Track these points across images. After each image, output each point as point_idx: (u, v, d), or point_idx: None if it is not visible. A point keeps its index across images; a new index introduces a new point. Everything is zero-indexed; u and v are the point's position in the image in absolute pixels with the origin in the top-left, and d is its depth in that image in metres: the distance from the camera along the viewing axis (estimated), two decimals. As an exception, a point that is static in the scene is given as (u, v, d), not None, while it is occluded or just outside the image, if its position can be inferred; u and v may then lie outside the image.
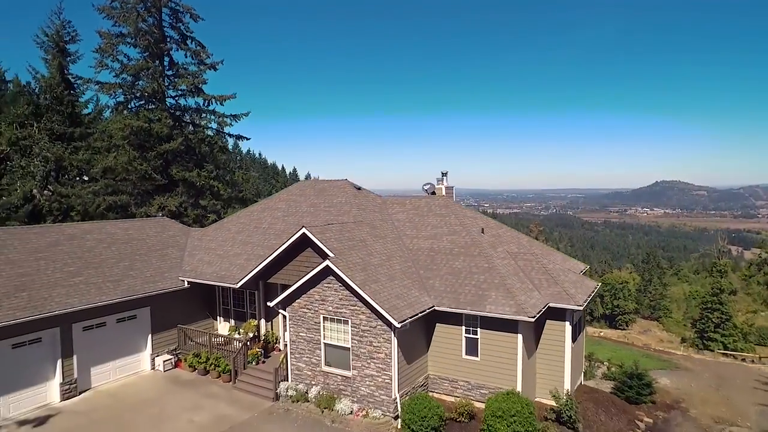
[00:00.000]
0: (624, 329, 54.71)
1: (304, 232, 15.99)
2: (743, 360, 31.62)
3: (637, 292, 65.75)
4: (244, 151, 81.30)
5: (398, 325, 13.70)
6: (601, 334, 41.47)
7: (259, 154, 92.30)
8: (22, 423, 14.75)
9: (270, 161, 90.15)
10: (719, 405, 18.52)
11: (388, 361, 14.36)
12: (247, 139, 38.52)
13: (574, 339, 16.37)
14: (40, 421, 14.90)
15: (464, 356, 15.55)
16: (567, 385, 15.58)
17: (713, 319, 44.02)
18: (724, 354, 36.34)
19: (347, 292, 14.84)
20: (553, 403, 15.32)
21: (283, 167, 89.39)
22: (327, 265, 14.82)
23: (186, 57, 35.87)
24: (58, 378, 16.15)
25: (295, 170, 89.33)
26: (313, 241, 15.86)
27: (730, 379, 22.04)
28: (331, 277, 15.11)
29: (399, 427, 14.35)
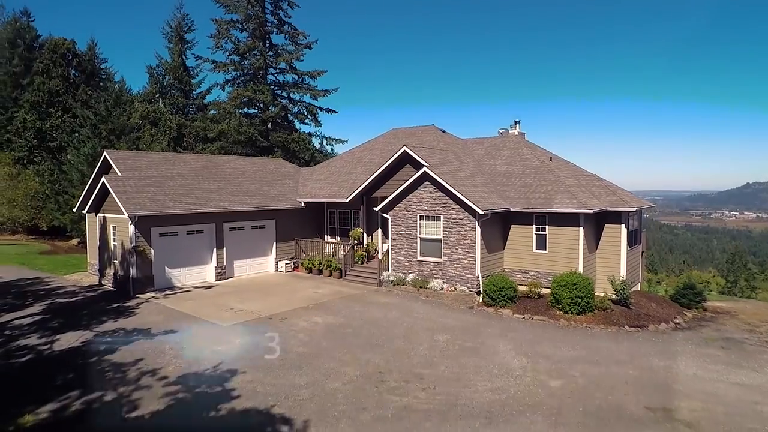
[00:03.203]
0: None
1: (405, 149, 19.96)
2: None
3: (720, 294, 62.40)
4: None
5: (482, 212, 17.32)
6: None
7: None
8: (194, 288, 19.77)
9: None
10: (768, 316, 20.56)
11: (473, 245, 18.01)
12: (335, 112, 43.36)
13: (630, 245, 19.24)
14: (205, 288, 19.87)
15: (534, 250, 18.90)
16: (623, 273, 18.51)
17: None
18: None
19: (440, 193, 18.64)
20: (611, 296, 18.26)
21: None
22: (424, 171, 18.71)
23: (284, 39, 41.22)
24: (213, 263, 21.10)
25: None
26: (411, 156, 19.79)
27: (787, 309, 23.74)
28: (427, 182, 18.96)
29: (481, 300, 17.94)
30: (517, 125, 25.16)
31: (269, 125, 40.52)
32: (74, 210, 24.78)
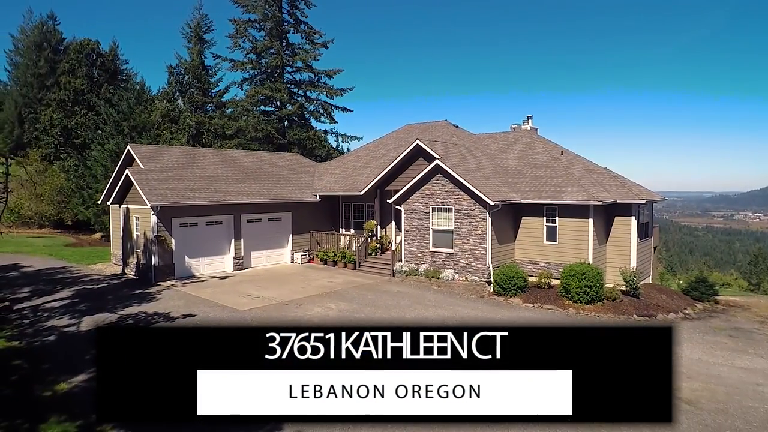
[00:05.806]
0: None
1: (417, 143, 20.40)
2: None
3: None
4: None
5: (492, 204, 17.67)
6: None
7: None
8: (212, 277, 20.44)
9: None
10: (782, 309, 20.49)
11: (484, 236, 18.37)
12: (351, 111, 43.93)
13: (640, 237, 19.40)
14: (223, 277, 20.52)
15: (545, 242, 19.18)
16: (633, 265, 18.69)
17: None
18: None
19: (452, 185, 19.03)
20: (621, 287, 18.44)
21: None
22: (436, 164, 19.12)
23: (301, 38, 41.91)
24: (231, 253, 21.77)
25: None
26: (424, 149, 20.21)
27: (802, 305, 23.57)
28: (439, 175, 19.37)
29: (492, 290, 18.28)
30: (530, 120, 25.41)
31: (286, 123, 41.28)
32: (98, 203, 25.67)
